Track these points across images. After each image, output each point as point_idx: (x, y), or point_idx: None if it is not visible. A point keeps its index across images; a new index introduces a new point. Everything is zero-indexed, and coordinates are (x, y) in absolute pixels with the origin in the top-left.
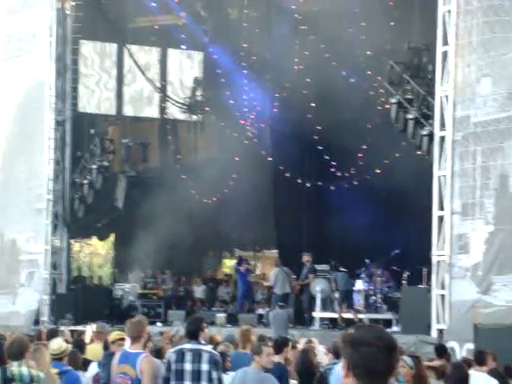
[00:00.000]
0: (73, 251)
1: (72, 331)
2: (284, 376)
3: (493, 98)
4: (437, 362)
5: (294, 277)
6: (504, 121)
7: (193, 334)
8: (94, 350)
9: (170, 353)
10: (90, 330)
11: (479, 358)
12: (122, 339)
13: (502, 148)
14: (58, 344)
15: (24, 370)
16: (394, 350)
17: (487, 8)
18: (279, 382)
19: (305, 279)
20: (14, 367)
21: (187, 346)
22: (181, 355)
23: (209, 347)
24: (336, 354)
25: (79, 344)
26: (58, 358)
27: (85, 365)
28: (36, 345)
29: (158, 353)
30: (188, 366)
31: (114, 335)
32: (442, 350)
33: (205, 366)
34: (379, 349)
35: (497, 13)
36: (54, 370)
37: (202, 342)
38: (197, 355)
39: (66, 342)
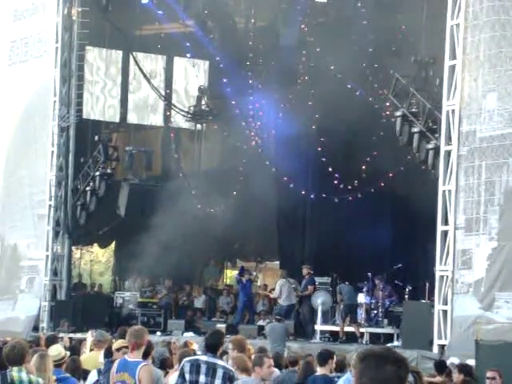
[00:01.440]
0: (73, 258)
1: (71, 338)
2: None
3: (498, 113)
4: (438, 378)
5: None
6: (509, 136)
7: (211, 348)
8: (91, 359)
9: (185, 361)
10: (90, 337)
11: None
12: (127, 347)
13: (507, 164)
14: (57, 350)
15: (23, 375)
16: (401, 361)
17: (494, 22)
18: None
19: (304, 291)
20: (14, 372)
21: (203, 357)
22: (196, 367)
23: (224, 362)
24: (339, 367)
25: (75, 351)
26: (56, 365)
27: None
28: (40, 351)
29: (163, 363)
30: (202, 379)
31: (119, 342)
32: (441, 366)
33: (217, 382)
34: (387, 359)
35: (503, 28)
36: (53, 377)
37: (219, 356)
38: (211, 369)
39: (64, 348)
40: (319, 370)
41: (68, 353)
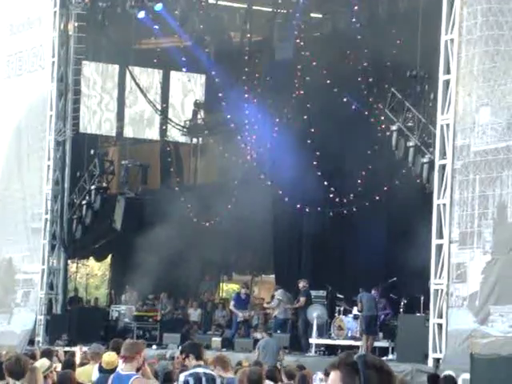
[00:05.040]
0: (69, 272)
1: (66, 352)
2: None
3: (492, 127)
4: None
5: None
6: (503, 150)
7: (201, 359)
8: (85, 372)
9: (187, 376)
10: (78, 351)
11: None
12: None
13: (500, 177)
14: (40, 362)
15: None
16: (390, 373)
17: (488, 37)
18: None
19: (296, 303)
20: None
21: (200, 370)
22: (198, 380)
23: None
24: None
25: (69, 364)
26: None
27: None
28: (30, 365)
29: (167, 376)
30: None
31: (109, 361)
32: (434, 380)
33: None
34: (367, 364)
35: (497, 43)
36: None
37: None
38: (210, 379)
39: (59, 361)
40: None
41: (54, 364)
